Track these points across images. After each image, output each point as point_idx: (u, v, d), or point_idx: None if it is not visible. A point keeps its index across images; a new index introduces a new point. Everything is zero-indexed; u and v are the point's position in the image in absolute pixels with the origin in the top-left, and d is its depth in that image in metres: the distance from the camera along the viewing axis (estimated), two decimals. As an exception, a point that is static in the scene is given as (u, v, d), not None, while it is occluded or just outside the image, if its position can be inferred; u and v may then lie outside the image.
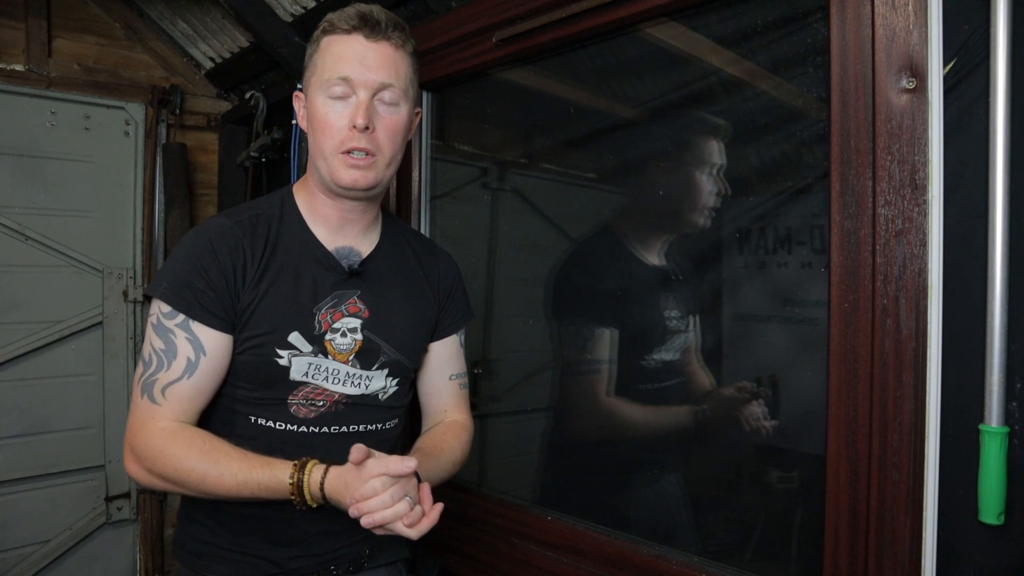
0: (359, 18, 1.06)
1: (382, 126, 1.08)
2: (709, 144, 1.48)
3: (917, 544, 0.93)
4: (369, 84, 1.06)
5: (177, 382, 1.04)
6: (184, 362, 1.04)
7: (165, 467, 1.02)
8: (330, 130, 1.07)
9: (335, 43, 1.07)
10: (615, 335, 1.55)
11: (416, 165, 1.82)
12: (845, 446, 1.00)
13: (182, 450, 1.01)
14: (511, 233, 2.00)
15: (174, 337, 1.04)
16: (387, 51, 1.07)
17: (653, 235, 1.57)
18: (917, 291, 0.93)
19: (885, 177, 0.96)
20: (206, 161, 3.02)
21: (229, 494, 1.02)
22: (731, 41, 1.36)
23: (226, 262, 1.06)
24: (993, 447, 0.87)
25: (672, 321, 1.54)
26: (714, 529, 1.49)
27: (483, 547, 1.55)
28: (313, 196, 1.15)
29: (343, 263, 1.13)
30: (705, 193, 1.47)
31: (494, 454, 1.93)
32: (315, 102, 1.08)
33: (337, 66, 1.06)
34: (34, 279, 2.55)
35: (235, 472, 1.00)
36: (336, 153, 1.07)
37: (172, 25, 2.78)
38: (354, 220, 1.16)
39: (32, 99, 2.53)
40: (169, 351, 1.04)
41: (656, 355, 1.52)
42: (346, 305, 1.12)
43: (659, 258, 1.58)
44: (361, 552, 1.20)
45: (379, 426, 1.18)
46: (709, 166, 1.47)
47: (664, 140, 1.62)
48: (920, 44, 0.93)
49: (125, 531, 2.80)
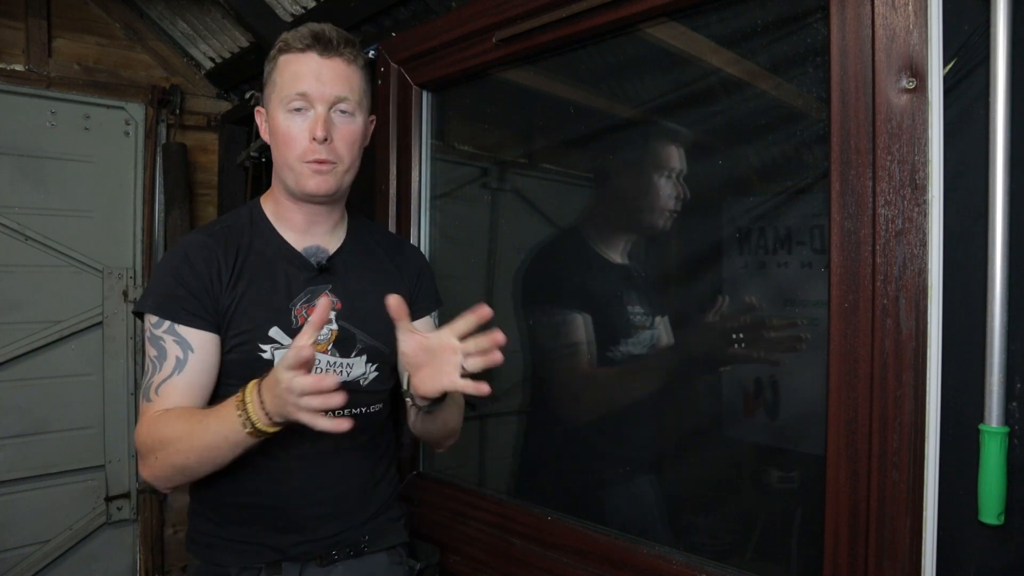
0: (312, 37, 1.14)
1: (339, 136, 1.15)
2: (668, 150, 1.54)
3: (917, 544, 0.93)
4: (325, 98, 1.13)
5: (168, 379, 1.10)
6: (173, 361, 1.11)
7: (152, 445, 1.07)
8: (292, 142, 1.14)
9: (291, 61, 1.15)
10: (587, 319, 1.59)
11: (416, 165, 1.82)
12: (845, 446, 1.00)
13: (162, 423, 1.07)
14: (511, 233, 2.00)
15: (164, 343, 1.12)
16: (340, 66, 1.15)
17: (615, 235, 1.63)
18: (917, 291, 0.93)
19: (885, 177, 0.96)
20: (206, 161, 3.02)
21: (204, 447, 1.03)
22: (731, 41, 1.36)
23: (202, 270, 1.14)
24: (993, 447, 0.87)
25: (637, 316, 1.58)
26: (714, 529, 1.49)
27: (483, 547, 1.55)
28: (280, 204, 1.23)
29: (312, 260, 1.21)
30: (663, 197, 1.53)
31: (494, 454, 1.93)
32: (276, 117, 1.16)
33: (295, 83, 1.13)
34: (34, 279, 2.55)
35: (200, 418, 1.04)
36: (301, 162, 1.14)
37: (172, 25, 2.78)
38: (320, 222, 1.23)
39: (32, 99, 2.53)
40: (160, 356, 1.12)
41: (623, 347, 1.56)
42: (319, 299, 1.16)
43: (622, 257, 1.63)
44: (361, 537, 1.24)
45: (363, 409, 1.23)
46: (668, 171, 1.52)
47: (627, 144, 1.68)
48: (920, 44, 0.93)
49: (125, 531, 2.80)
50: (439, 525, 1.65)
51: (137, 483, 2.80)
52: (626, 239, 1.63)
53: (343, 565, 1.21)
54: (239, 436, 0.99)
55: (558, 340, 1.62)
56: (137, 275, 2.78)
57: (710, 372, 1.48)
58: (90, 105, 2.66)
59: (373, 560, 1.25)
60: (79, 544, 2.66)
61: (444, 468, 1.82)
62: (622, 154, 1.68)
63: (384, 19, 1.99)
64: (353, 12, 1.98)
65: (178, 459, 1.05)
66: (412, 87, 1.80)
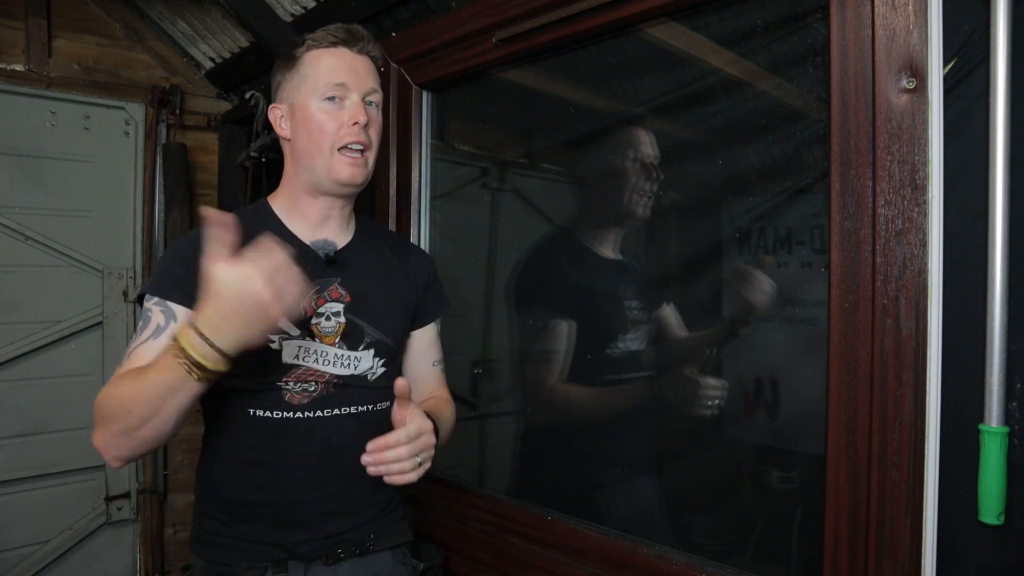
0: (346, 32, 1.20)
1: (372, 125, 1.21)
2: (633, 134, 1.53)
3: (917, 544, 0.93)
4: (362, 88, 1.19)
5: (143, 344, 1.08)
6: (153, 327, 1.09)
7: (107, 407, 1.00)
8: (326, 129, 1.17)
9: (324, 55, 1.20)
10: (572, 327, 1.58)
11: (416, 165, 1.82)
12: (845, 446, 1.00)
13: (111, 386, 1.02)
14: (511, 233, 2.00)
15: (150, 314, 1.11)
16: (368, 62, 1.23)
17: (604, 230, 1.62)
18: (917, 291, 0.93)
19: (885, 177, 0.96)
20: (206, 161, 3.02)
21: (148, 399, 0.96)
22: (731, 41, 1.36)
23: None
24: (993, 447, 0.87)
25: (633, 311, 1.57)
26: (714, 529, 1.49)
27: (483, 547, 1.55)
28: (295, 199, 1.24)
29: (320, 253, 1.22)
30: (633, 180, 1.52)
31: (494, 454, 1.93)
32: (308, 107, 1.18)
33: (333, 74, 1.18)
34: (34, 279, 2.55)
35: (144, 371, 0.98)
36: (334, 150, 1.17)
37: (172, 25, 2.78)
38: (334, 216, 1.25)
39: (32, 99, 2.53)
40: (144, 325, 1.11)
41: (621, 343, 1.55)
42: (328, 292, 1.20)
43: (614, 252, 1.62)
44: (367, 536, 1.24)
45: (370, 407, 1.23)
46: (634, 154, 1.52)
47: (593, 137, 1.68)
48: (920, 44, 0.93)
49: (125, 531, 2.80)
50: (439, 525, 1.65)
51: (137, 483, 2.80)
52: (615, 232, 1.62)
53: (349, 563, 1.21)
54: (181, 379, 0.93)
55: (536, 345, 1.62)
56: (137, 275, 2.78)
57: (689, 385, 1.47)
58: (90, 105, 2.66)
59: (378, 559, 1.25)
60: (79, 544, 2.66)
61: (444, 468, 1.82)
62: (591, 147, 1.69)
63: (384, 19, 1.99)
64: (353, 12, 1.98)
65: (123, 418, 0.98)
66: (412, 87, 1.80)
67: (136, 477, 2.80)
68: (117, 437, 1.01)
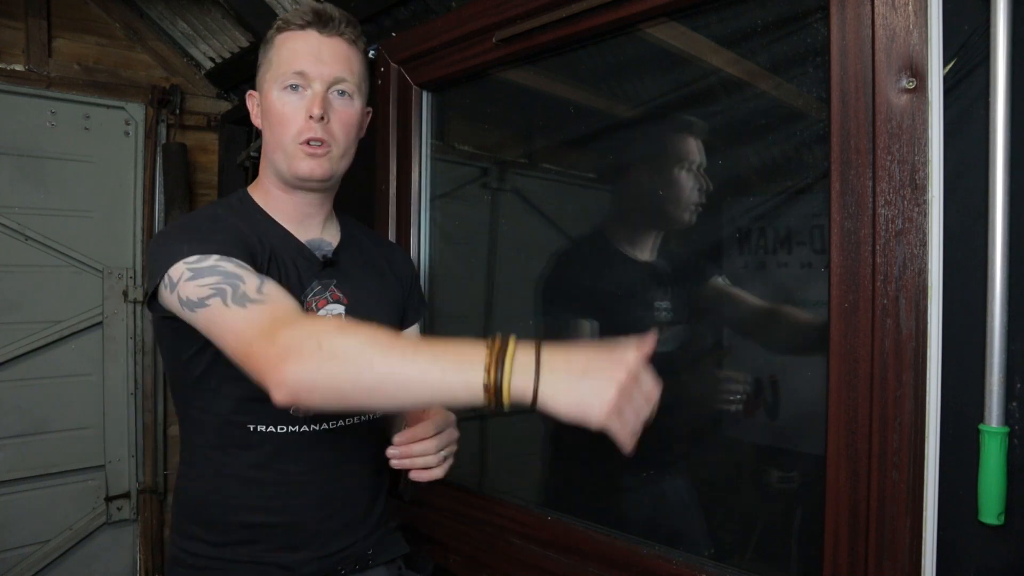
0: (313, 14, 1.10)
1: (336, 118, 1.10)
2: (686, 141, 1.52)
3: (917, 544, 0.93)
4: (324, 77, 1.09)
5: (264, 282, 0.92)
6: (250, 271, 0.93)
7: (323, 347, 0.78)
8: (286, 121, 1.09)
9: (290, 39, 1.11)
10: (594, 326, 1.58)
11: (416, 165, 1.82)
12: (845, 446, 1.00)
13: (340, 334, 0.80)
14: (511, 233, 2.00)
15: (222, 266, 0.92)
16: (341, 46, 1.11)
17: (642, 233, 1.61)
18: (917, 291, 0.93)
19: (885, 177, 0.96)
20: (206, 161, 3.02)
21: (400, 396, 0.77)
22: (731, 41, 1.36)
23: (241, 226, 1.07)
24: (993, 447, 0.87)
25: (663, 313, 1.56)
26: (714, 529, 1.49)
27: (483, 547, 1.55)
28: (269, 194, 1.17)
29: (318, 253, 1.17)
30: (688, 189, 1.51)
31: (494, 454, 1.93)
32: (270, 96, 1.11)
33: (293, 60, 1.09)
34: (34, 279, 2.55)
35: (417, 360, 0.76)
36: (294, 143, 1.09)
37: (172, 25, 2.78)
38: (312, 214, 1.18)
39: (32, 99, 2.53)
40: (228, 276, 0.90)
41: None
42: (329, 292, 1.17)
43: (651, 254, 1.61)
44: (366, 551, 1.20)
45: (371, 415, 1.20)
46: (688, 163, 1.50)
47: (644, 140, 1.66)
48: (920, 44, 0.93)
49: (125, 531, 2.80)
50: (439, 525, 1.65)
51: (137, 483, 2.80)
52: (654, 236, 1.61)
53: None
54: (463, 394, 0.73)
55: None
56: (137, 275, 2.78)
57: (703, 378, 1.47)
58: (90, 105, 2.66)
59: (375, 574, 1.22)
60: (79, 544, 2.66)
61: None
62: (640, 150, 1.66)
63: (384, 19, 1.99)
64: (353, 12, 1.97)
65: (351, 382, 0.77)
66: (412, 87, 1.80)
67: (136, 477, 2.80)
68: (331, 387, 0.77)
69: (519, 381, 0.69)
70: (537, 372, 0.69)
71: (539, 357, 0.70)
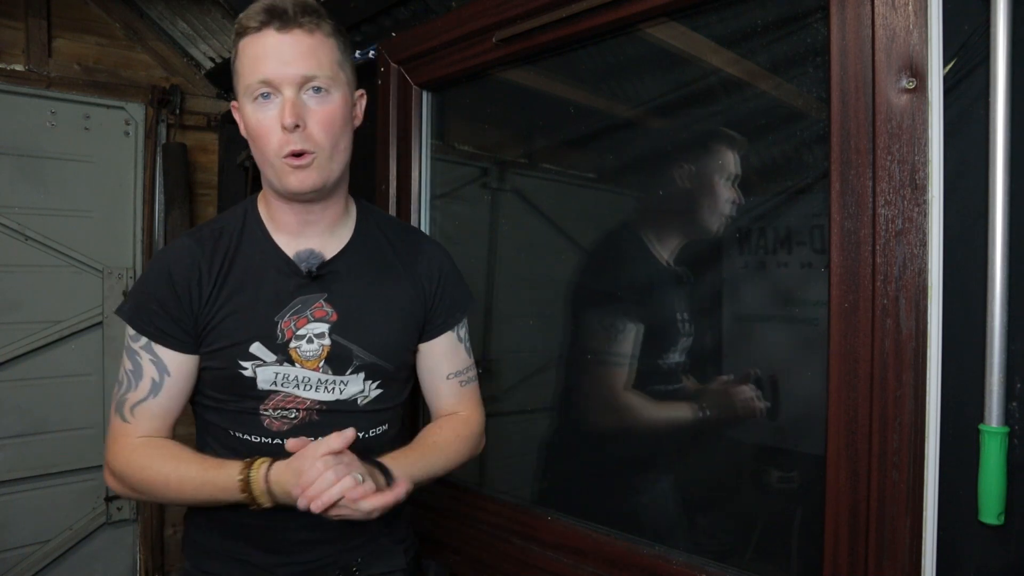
0: (265, 12, 1.01)
1: (314, 120, 1.03)
2: (729, 154, 1.50)
3: (917, 544, 0.93)
4: (291, 80, 1.01)
5: (144, 402, 1.08)
6: (149, 383, 1.08)
7: (133, 477, 1.06)
8: (265, 135, 1.03)
9: (250, 44, 1.03)
10: (640, 331, 1.54)
11: (416, 165, 1.82)
12: (845, 446, 1.00)
13: (147, 460, 1.06)
14: (511, 233, 2.00)
15: (139, 359, 1.09)
16: (302, 40, 1.01)
17: (671, 236, 1.58)
18: (917, 291, 0.93)
19: (885, 177, 0.96)
20: (206, 161, 3.02)
21: (192, 498, 1.06)
22: (731, 41, 1.36)
23: (182, 287, 1.07)
24: (993, 447, 0.87)
25: (683, 324, 1.55)
26: (714, 529, 1.49)
27: (483, 547, 1.55)
28: (270, 205, 1.13)
29: (302, 267, 1.10)
30: (722, 200, 1.49)
31: (494, 454, 1.93)
32: (245, 110, 1.05)
33: (255, 68, 1.01)
34: (34, 279, 2.55)
35: (193, 476, 1.04)
36: (278, 158, 1.03)
37: (172, 25, 2.78)
38: (314, 221, 1.12)
39: (32, 99, 2.53)
40: (136, 372, 1.09)
41: (670, 357, 1.53)
42: (311, 310, 1.10)
43: (672, 260, 1.59)
44: (352, 560, 1.16)
45: (362, 435, 1.11)
46: (728, 175, 1.49)
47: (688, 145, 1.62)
48: (920, 44, 0.93)
49: (125, 531, 2.80)
50: (439, 525, 1.65)
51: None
52: (680, 241, 1.58)
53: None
54: (231, 496, 1.02)
55: (607, 346, 1.55)
56: (137, 275, 2.78)
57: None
58: (90, 105, 2.66)
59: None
60: (79, 544, 2.66)
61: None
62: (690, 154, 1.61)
63: (384, 19, 1.99)
64: (353, 12, 1.98)
65: (155, 494, 1.07)
66: (412, 87, 1.80)
67: (136, 477, 2.79)
68: (139, 494, 1.09)
69: (261, 490, 1.01)
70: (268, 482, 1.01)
71: (269, 480, 1.01)
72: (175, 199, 2.78)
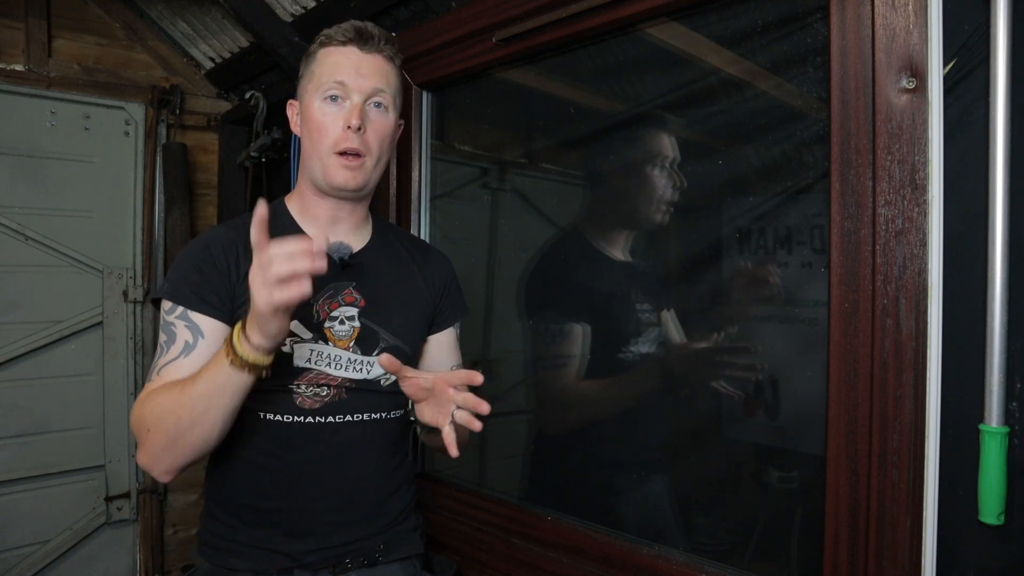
0: (354, 31, 1.17)
1: (372, 128, 1.16)
2: (658, 138, 1.51)
3: (917, 544, 0.93)
4: (363, 89, 1.15)
5: (173, 361, 1.09)
6: (182, 344, 1.10)
7: (148, 418, 1.04)
8: (325, 131, 1.15)
9: (331, 53, 1.17)
10: (587, 330, 1.57)
11: (416, 165, 1.82)
12: (845, 446, 1.00)
13: (156, 397, 1.05)
14: (511, 233, 2.00)
15: (174, 328, 1.11)
16: (379, 62, 1.18)
17: (615, 232, 1.60)
18: (917, 291, 0.93)
19: (885, 177, 0.96)
20: (206, 161, 3.02)
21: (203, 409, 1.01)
22: (731, 41, 1.36)
23: (220, 258, 1.14)
24: (993, 447, 0.87)
25: (644, 314, 1.56)
26: (714, 529, 1.49)
27: (483, 547, 1.55)
28: (305, 198, 1.23)
29: (334, 256, 1.19)
30: (660, 188, 1.51)
31: (494, 454, 1.93)
32: (311, 106, 1.17)
33: (334, 72, 1.15)
34: (34, 279, 2.55)
35: (194, 383, 1.01)
36: (331, 153, 1.15)
37: (172, 25, 2.78)
38: (343, 218, 1.23)
39: (32, 99, 2.53)
40: (170, 340, 1.11)
41: (633, 347, 1.54)
42: (342, 296, 1.19)
43: (624, 254, 1.60)
44: (375, 547, 1.21)
45: (383, 415, 1.22)
46: (660, 160, 1.50)
47: (616, 139, 1.65)
48: (920, 44, 0.93)
49: (125, 531, 2.80)
50: (439, 525, 1.65)
51: (137, 483, 2.80)
52: (626, 235, 1.60)
53: (356, 574, 1.19)
54: (227, 375, 0.98)
55: (551, 350, 1.60)
56: (137, 275, 2.79)
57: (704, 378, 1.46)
58: (90, 105, 2.66)
59: (387, 570, 1.22)
60: (79, 544, 2.66)
61: (444, 469, 1.82)
62: (613, 149, 1.66)
63: (384, 19, 1.99)
64: (353, 12, 1.98)
65: (170, 424, 1.01)
66: (412, 87, 1.80)
67: (136, 477, 2.80)
68: (164, 449, 1.04)
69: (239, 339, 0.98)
70: (243, 328, 0.98)
71: (245, 328, 0.98)
72: (175, 199, 2.78)
